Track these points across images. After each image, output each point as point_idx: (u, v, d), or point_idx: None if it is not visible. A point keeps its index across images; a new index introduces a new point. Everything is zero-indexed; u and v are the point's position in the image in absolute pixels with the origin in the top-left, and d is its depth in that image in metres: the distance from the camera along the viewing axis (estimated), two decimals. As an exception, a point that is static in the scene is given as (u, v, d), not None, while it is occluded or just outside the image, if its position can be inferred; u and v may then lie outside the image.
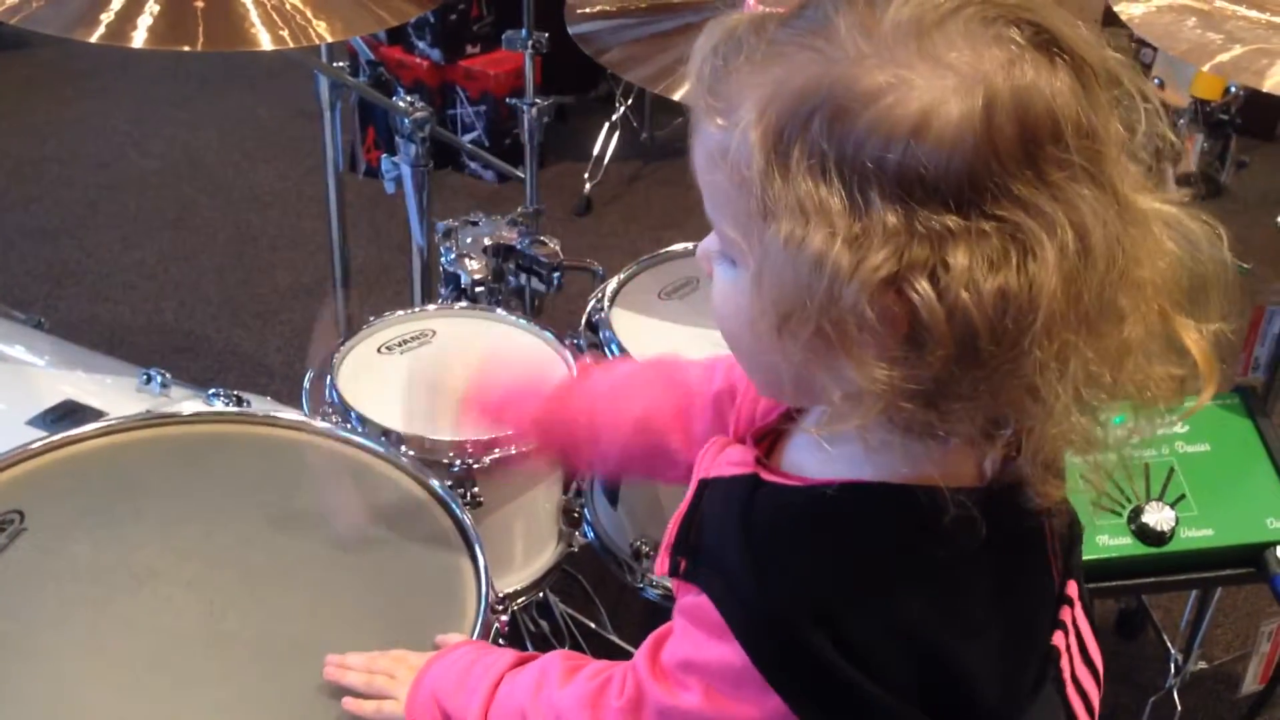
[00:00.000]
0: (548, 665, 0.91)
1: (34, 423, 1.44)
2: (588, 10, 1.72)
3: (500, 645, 1.09)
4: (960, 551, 0.71)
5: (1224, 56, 1.53)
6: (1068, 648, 0.80)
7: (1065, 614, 0.81)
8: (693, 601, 0.76)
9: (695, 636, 0.75)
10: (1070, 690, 0.81)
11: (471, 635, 1.07)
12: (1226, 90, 3.29)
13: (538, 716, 0.88)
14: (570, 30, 1.68)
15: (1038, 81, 0.62)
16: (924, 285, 0.61)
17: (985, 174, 0.61)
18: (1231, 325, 0.71)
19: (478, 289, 1.76)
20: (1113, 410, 0.69)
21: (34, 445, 1.22)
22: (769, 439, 0.84)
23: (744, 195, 0.66)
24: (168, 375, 1.52)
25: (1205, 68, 1.54)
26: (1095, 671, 0.85)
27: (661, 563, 0.81)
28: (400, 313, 1.64)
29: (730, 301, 0.72)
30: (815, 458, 0.77)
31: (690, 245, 1.80)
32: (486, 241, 1.80)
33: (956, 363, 0.63)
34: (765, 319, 0.66)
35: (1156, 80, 3.39)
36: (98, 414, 1.44)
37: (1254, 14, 1.58)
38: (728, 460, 0.81)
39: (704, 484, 0.82)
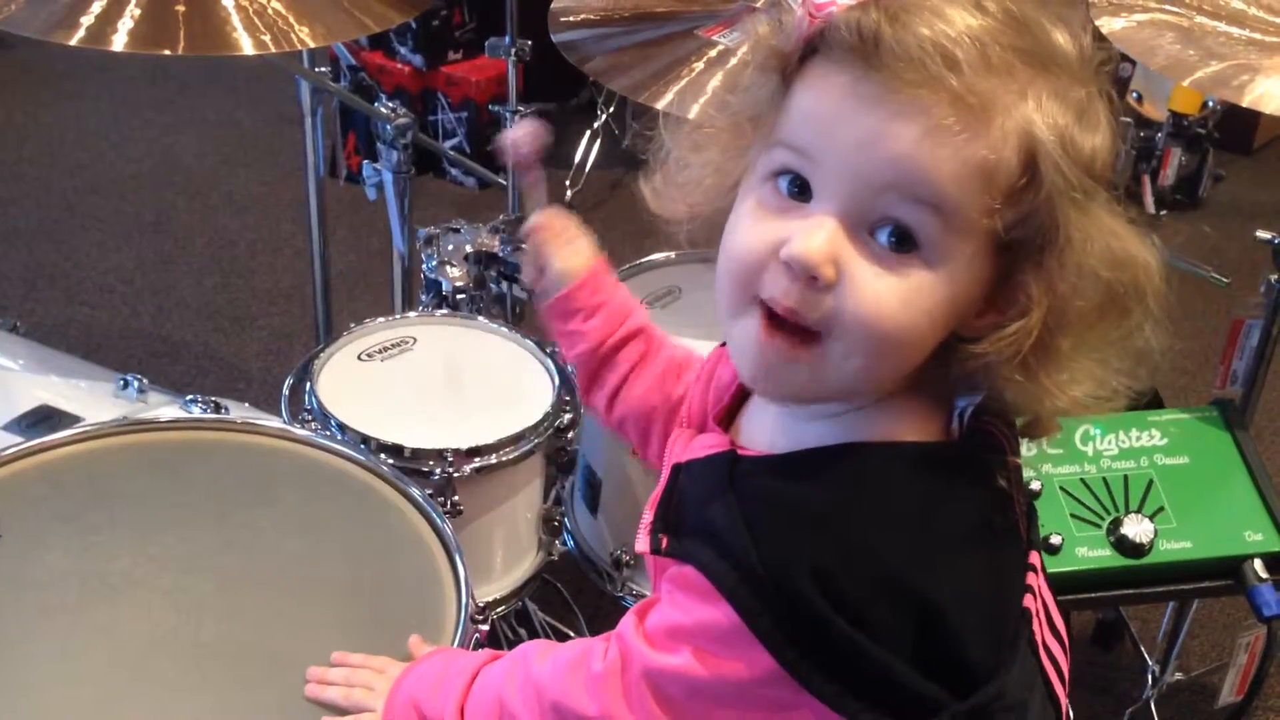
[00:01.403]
0: (523, 650, 0.92)
1: (9, 428, 1.42)
2: (572, 19, 1.71)
3: (480, 655, 1.08)
4: (945, 502, 0.74)
5: (1204, 71, 1.54)
6: (1037, 613, 0.81)
7: (1031, 579, 0.81)
8: (679, 571, 0.76)
9: (682, 602, 0.76)
10: (1043, 656, 0.82)
11: (452, 645, 1.06)
12: (1204, 105, 3.31)
13: (517, 697, 0.87)
14: (554, 38, 1.68)
15: None
16: None
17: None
18: None
19: (459, 296, 1.75)
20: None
21: (8, 451, 1.21)
22: (723, 423, 0.87)
23: (1020, 217, 0.69)
24: (145, 380, 1.51)
25: (1185, 82, 1.55)
26: (1062, 642, 0.86)
27: (641, 541, 0.81)
28: (381, 320, 1.63)
29: (918, 299, 0.70)
30: (786, 434, 0.79)
31: (672, 254, 1.79)
32: (468, 249, 1.80)
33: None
34: (1042, 315, 0.71)
35: (1135, 94, 3.41)
36: (74, 419, 1.43)
37: (1235, 30, 1.60)
38: (701, 444, 0.83)
39: (678, 467, 0.83)
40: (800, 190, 0.72)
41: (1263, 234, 1.65)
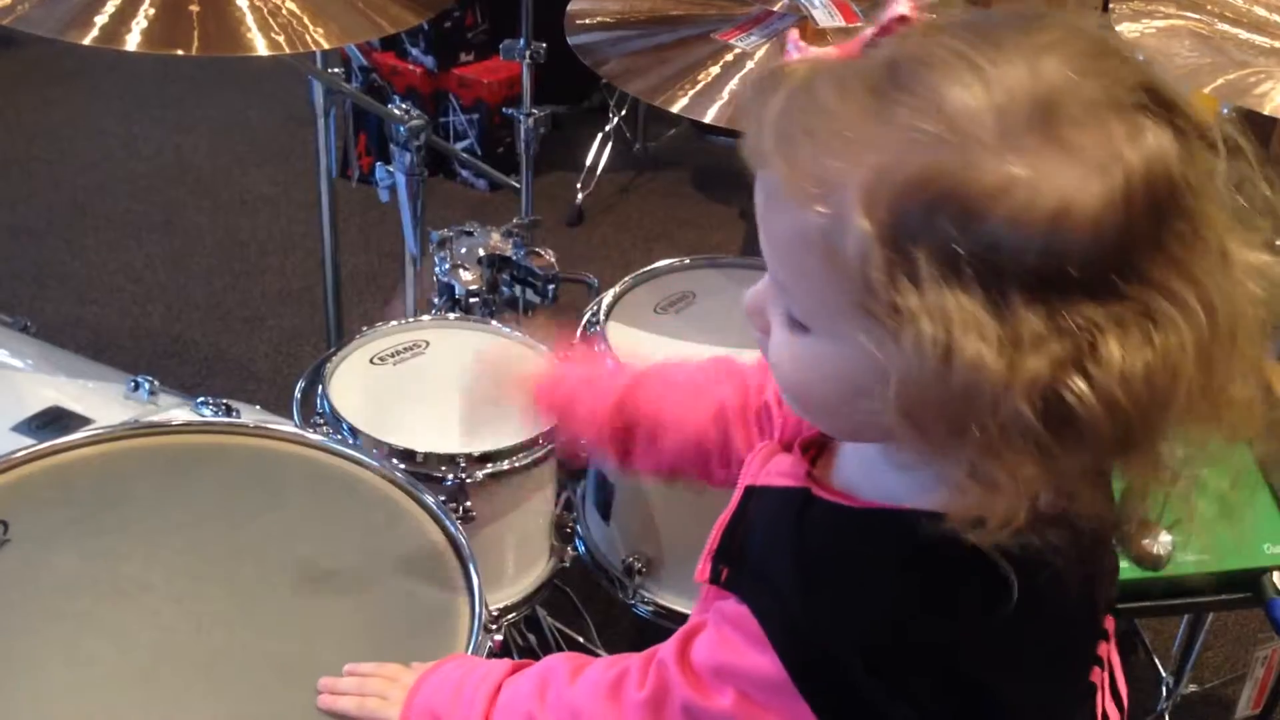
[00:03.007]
0: (551, 666, 0.90)
1: (18, 429, 1.41)
2: (588, 21, 1.70)
3: (492, 663, 1.07)
4: (1021, 591, 0.68)
5: (1224, 79, 1.53)
6: (1102, 683, 0.79)
7: (1102, 649, 0.79)
8: (734, 608, 0.74)
9: (733, 642, 0.74)
10: None
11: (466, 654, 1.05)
12: (1219, 112, 3.30)
13: (548, 717, 0.86)
14: (570, 41, 1.67)
15: (1160, 149, 0.60)
16: (1080, 384, 0.59)
17: (1123, 260, 0.59)
18: None
19: (472, 300, 1.74)
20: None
21: (19, 454, 1.20)
22: (814, 448, 0.82)
23: (854, 289, 0.62)
24: (155, 382, 1.50)
25: (1207, 90, 1.54)
26: (1121, 706, 0.84)
27: (702, 569, 0.79)
28: (394, 323, 1.62)
29: (808, 369, 0.68)
30: (870, 478, 0.74)
31: (686, 259, 1.79)
32: (481, 252, 1.79)
33: (1108, 451, 0.62)
34: (887, 410, 0.62)
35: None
36: (84, 421, 1.42)
37: (1257, 38, 1.58)
38: (777, 470, 0.80)
39: (750, 491, 0.81)
40: None
41: (1282, 243, 1.63)
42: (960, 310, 0.59)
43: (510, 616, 1.55)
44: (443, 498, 1.27)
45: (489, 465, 1.42)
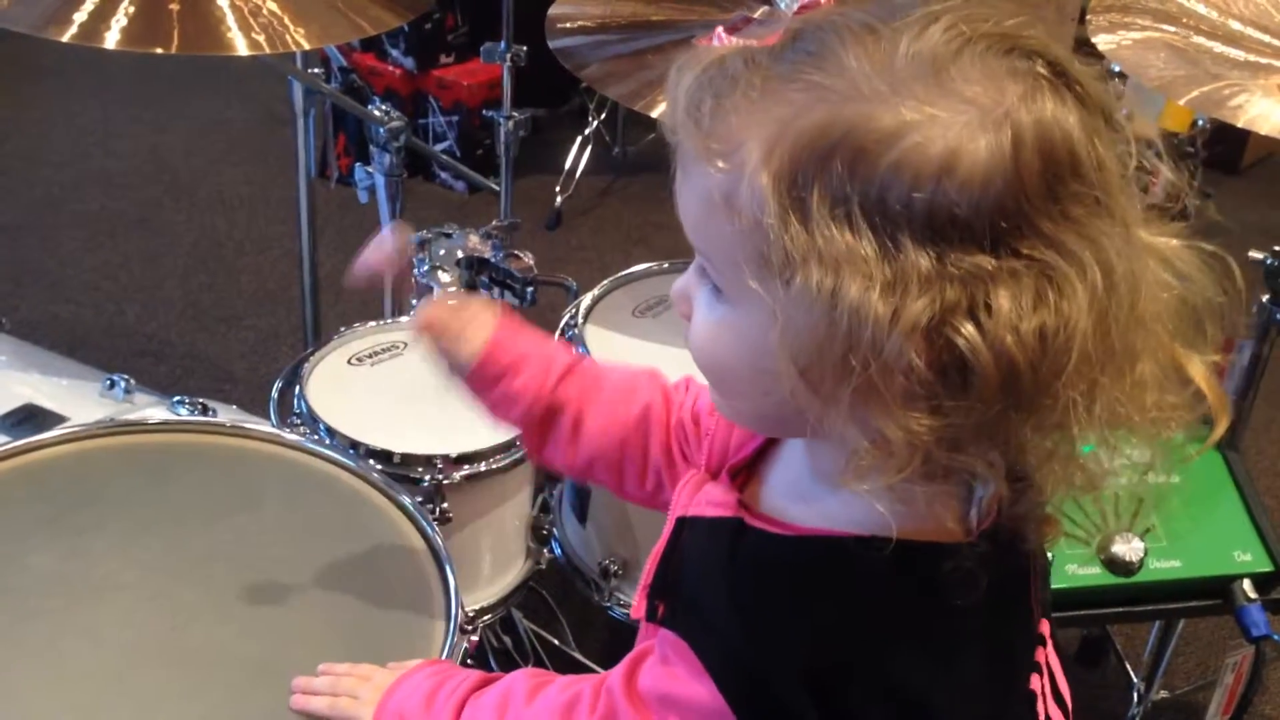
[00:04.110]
0: (512, 684, 0.90)
1: (-7, 427, 1.41)
2: (569, 25, 1.71)
3: (469, 665, 1.07)
4: (956, 611, 0.69)
5: (1199, 91, 1.54)
6: (1042, 690, 0.79)
7: (1040, 655, 0.80)
8: (674, 639, 0.74)
9: (676, 672, 0.74)
10: None
11: (441, 656, 1.05)
12: (1193, 123, 3.31)
13: None
14: (551, 44, 1.67)
15: (1056, 115, 0.62)
16: (969, 328, 0.60)
17: (1015, 212, 0.60)
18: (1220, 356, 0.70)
19: (450, 302, 1.74)
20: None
21: (-7, 451, 1.19)
22: (743, 474, 0.82)
23: (754, 240, 0.63)
24: (131, 381, 1.49)
25: (1181, 101, 1.55)
26: (1065, 708, 0.84)
27: (638, 606, 0.79)
28: (372, 324, 1.62)
29: (721, 341, 0.70)
30: (798, 505, 0.75)
31: (664, 264, 1.79)
32: (459, 254, 1.78)
33: (999, 406, 0.62)
34: (784, 366, 0.64)
35: (1124, 111, 3.42)
36: (59, 419, 1.41)
37: (1231, 51, 1.60)
38: (708, 500, 0.79)
39: (682, 522, 0.81)
40: None
41: (1255, 254, 1.65)
42: (848, 252, 0.60)
43: (486, 618, 1.55)
44: (419, 499, 1.27)
45: (466, 467, 1.42)
